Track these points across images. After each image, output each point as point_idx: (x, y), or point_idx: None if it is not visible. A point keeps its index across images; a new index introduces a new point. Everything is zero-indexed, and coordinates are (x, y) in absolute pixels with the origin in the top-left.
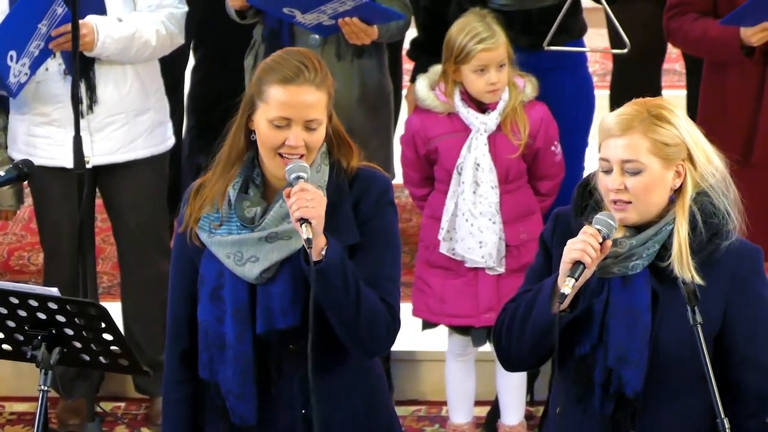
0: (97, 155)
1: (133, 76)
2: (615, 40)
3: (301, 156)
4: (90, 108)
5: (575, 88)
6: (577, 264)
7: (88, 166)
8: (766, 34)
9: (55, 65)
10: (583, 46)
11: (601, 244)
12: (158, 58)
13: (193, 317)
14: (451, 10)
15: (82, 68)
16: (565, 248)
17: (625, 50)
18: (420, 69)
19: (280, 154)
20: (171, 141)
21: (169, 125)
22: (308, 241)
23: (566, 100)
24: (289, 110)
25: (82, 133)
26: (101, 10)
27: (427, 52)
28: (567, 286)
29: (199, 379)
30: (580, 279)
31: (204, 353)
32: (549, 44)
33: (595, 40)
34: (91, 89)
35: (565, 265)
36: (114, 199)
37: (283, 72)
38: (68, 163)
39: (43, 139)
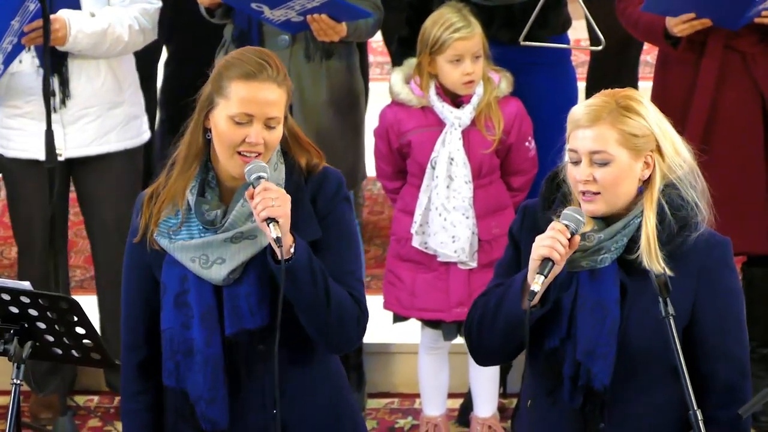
0: (70, 148)
1: (106, 69)
2: (591, 37)
3: (258, 155)
4: (63, 102)
5: (558, 83)
6: (546, 261)
7: (61, 158)
8: (688, 25)
9: (28, 58)
10: (566, 40)
11: (569, 239)
12: (132, 52)
13: (151, 325)
14: (435, 5)
15: (55, 62)
16: (534, 245)
17: (600, 47)
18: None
19: (239, 153)
20: (146, 135)
21: (145, 119)
22: (278, 239)
23: (548, 96)
24: (252, 107)
25: (54, 126)
26: (75, 5)
27: (413, 48)
28: (536, 283)
29: (162, 387)
30: (549, 275)
31: (169, 361)
32: (525, 39)
33: (573, 32)
34: (64, 83)
35: (533, 263)
36: (88, 193)
37: (244, 68)
38: (41, 155)
39: (17, 131)
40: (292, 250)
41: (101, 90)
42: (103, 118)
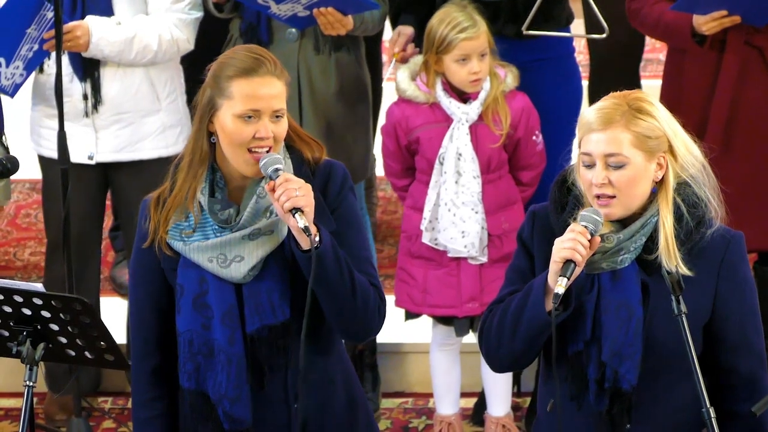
0: (102, 152)
1: (142, 77)
2: (593, 26)
3: (269, 149)
4: (95, 107)
5: (562, 79)
6: (568, 263)
7: (93, 162)
8: (717, 23)
9: (64, 60)
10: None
11: (589, 240)
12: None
13: (163, 331)
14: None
15: (87, 68)
16: (554, 247)
17: (604, 35)
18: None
19: (249, 150)
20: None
21: (185, 129)
22: (306, 228)
23: (553, 91)
24: (257, 102)
25: (86, 129)
26: (108, 12)
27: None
28: (560, 285)
29: (174, 393)
30: (571, 277)
31: (188, 363)
32: (528, 29)
33: (577, 30)
34: (96, 88)
35: (555, 265)
36: (122, 198)
37: (242, 65)
38: (74, 156)
39: (51, 131)
40: (317, 238)
41: (135, 97)
42: (137, 125)
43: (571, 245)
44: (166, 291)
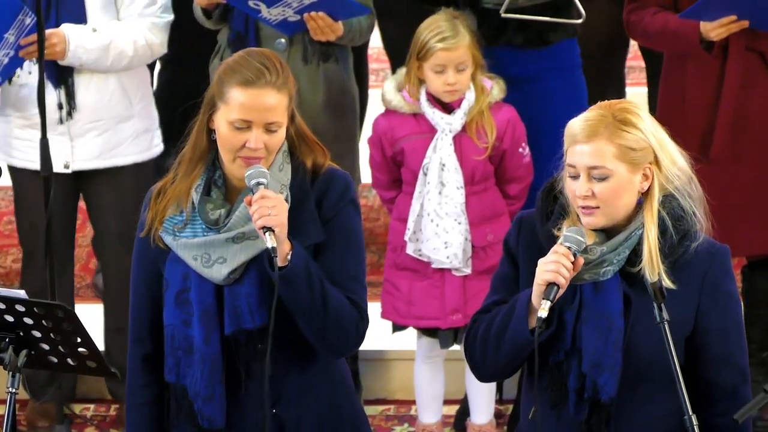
0: (77, 160)
1: (115, 83)
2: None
3: (260, 159)
4: (69, 114)
5: (569, 88)
6: (551, 285)
7: (69, 171)
8: (725, 29)
9: (37, 69)
10: (575, 45)
11: (572, 261)
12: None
13: (156, 320)
14: None
15: (60, 75)
16: (538, 269)
17: (580, 20)
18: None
19: (241, 157)
20: (158, 149)
21: (157, 133)
22: (273, 249)
23: (560, 100)
24: (249, 113)
25: (62, 138)
26: (82, 19)
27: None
28: (543, 309)
29: (164, 382)
30: (554, 299)
31: (170, 357)
32: (506, 11)
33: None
34: (70, 96)
35: (538, 287)
36: (96, 205)
37: (244, 74)
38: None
39: (24, 141)
40: (289, 257)
41: (109, 103)
42: (112, 131)
43: (554, 268)
44: (159, 281)
